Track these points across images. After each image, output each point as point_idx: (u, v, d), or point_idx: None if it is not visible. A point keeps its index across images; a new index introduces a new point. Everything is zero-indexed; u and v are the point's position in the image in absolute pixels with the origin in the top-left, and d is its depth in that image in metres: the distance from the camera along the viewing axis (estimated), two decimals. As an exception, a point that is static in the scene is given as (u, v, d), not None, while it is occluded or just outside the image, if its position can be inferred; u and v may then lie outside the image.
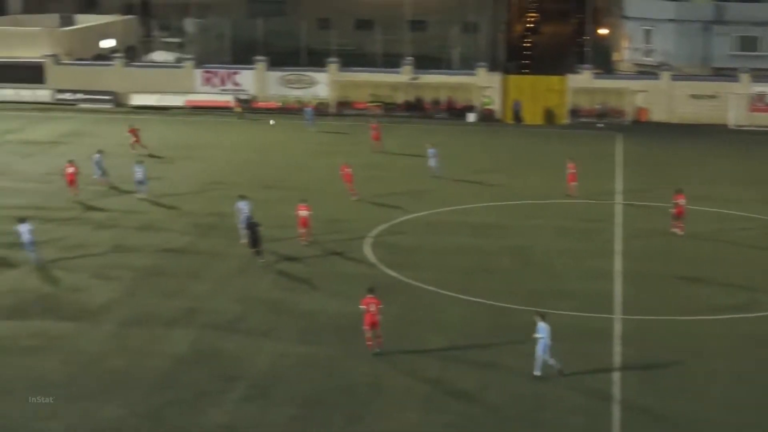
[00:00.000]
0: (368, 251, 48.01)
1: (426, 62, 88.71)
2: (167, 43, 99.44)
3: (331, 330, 38.41)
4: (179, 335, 37.82)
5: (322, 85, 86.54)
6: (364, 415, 31.91)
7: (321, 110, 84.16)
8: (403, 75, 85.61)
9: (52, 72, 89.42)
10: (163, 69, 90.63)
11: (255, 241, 46.61)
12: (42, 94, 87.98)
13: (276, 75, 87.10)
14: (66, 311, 40.10)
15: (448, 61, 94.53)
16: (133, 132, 69.61)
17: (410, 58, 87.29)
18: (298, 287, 43.19)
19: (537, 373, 34.31)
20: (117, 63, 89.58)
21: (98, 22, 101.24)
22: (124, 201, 56.38)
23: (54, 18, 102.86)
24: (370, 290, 36.68)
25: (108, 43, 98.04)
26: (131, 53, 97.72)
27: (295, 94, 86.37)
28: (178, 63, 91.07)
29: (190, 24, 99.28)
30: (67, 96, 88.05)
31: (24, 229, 45.53)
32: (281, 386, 33.73)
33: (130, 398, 32.68)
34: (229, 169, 63.70)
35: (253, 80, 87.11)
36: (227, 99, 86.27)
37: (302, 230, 48.98)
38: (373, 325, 35.90)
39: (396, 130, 75.91)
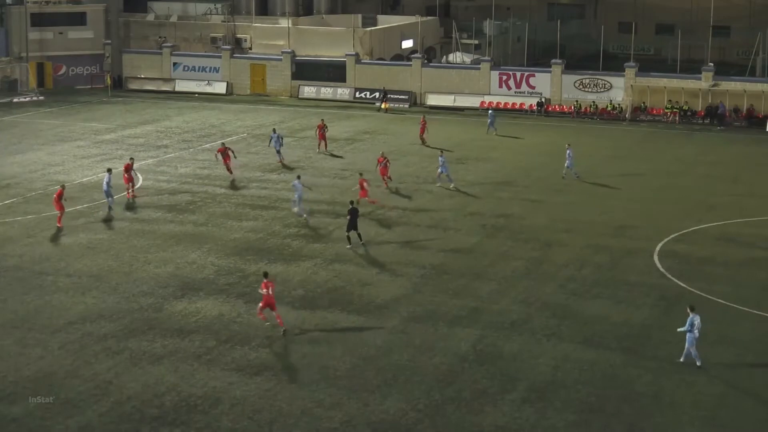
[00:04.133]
0: (657, 260, 46.94)
1: (727, 69, 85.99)
2: (465, 44, 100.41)
3: (615, 337, 37.73)
4: (462, 334, 38.05)
5: (617, 89, 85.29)
6: (645, 427, 31.16)
7: (615, 115, 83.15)
8: (703, 81, 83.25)
9: (352, 71, 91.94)
10: (460, 70, 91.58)
11: (352, 225, 47.54)
12: (342, 92, 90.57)
13: (571, 78, 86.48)
14: (354, 304, 41.02)
15: (750, 69, 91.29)
16: (423, 124, 71.31)
17: (711, 64, 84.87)
18: (584, 292, 42.64)
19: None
20: (415, 63, 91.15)
21: (399, 23, 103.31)
22: (415, 199, 57.25)
23: (357, 18, 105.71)
24: (266, 274, 38.36)
25: (408, 44, 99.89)
26: (430, 54, 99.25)
27: (589, 98, 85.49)
28: (475, 64, 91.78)
29: (488, 26, 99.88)
30: (366, 94, 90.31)
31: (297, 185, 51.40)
32: (561, 391, 33.38)
33: (411, 393, 33.11)
34: (520, 171, 63.66)
35: (549, 83, 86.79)
36: (523, 101, 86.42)
37: None
38: (270, 306, 37.66)
39: (693, 138, 73.99)
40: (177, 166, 64.65)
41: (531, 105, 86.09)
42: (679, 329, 34.39)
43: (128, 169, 56.25)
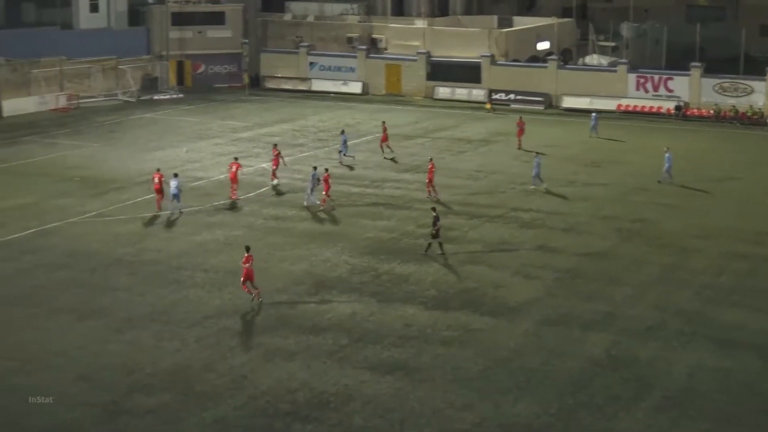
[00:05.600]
0: (798, 268, 45.89)
1: None
2: (602, 46, 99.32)
3: (752, 346, 36.94)
4: (595, 338, 37.65)
5: (758, 93, 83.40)
6: (783, 440, 30.53)
7: (756, 120, 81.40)
8: None
9: (487, 72, 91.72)
10: (596, 72, 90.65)
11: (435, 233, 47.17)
12: (477, 93, 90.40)
13: (711, 82, 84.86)
14: (486, 306, 40.91)
15: None
16: (520, 125, 70.38)
17: None
18: (721, 300, 41.84)
19: None
20: (551, 65, 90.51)
21: (535, 25, 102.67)
22: (550, 202, 56.90)
23: (493, 19, 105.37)
24: (247, 248, 40.76)
25: (543, 45, 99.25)
26: (566, 56, 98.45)
27: (729, 102, 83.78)
28: (612, 67, 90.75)
29: (626, 28, 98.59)
30: (501, 96, 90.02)
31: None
32: (696, 399, 32.81)
33: (544, 397, 32.90)
34: (656, 175, 62.71)
35: (687, 86, 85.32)
36: (660, 105, 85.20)
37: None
38: (249, 278, 40.11)
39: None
40: (312, 164, 65.22)
41: (669, 109, 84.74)
42: None
43: (278, 157, 59.60)
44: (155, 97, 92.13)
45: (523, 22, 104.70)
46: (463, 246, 48.65)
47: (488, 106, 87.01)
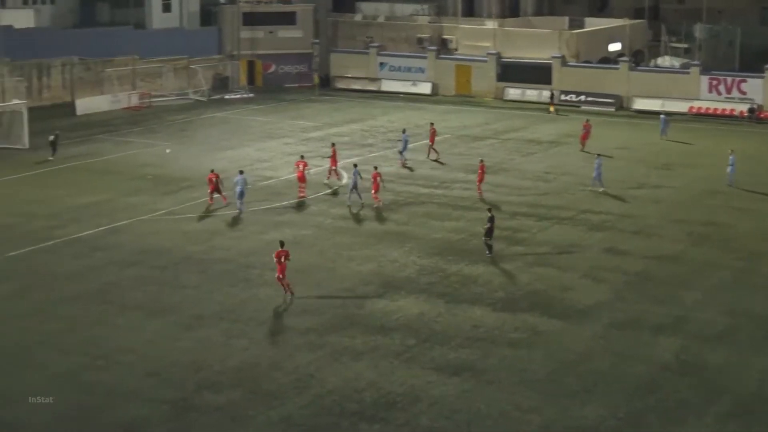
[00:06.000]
0: None
1: None
2: (674, 48, 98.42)
3: (826, 353, 36.48)
4: (665, 343, 37.30)
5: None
6: None
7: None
8: None
9: (558, 73, 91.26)
10: (668, 74, 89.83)
11: (489, 232, 46.85)
12: (547, 94, 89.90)
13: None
14: (554, 309, 40.69)
15: None
16: (587, 128, 69.61)
17: None
18: (795, 305, 41.38)
19: None
20: (622, 66, 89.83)
21: (607, 26, 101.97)
22: (620, 204, 56.47)
23: (564, 20, 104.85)
24: (282, 243, 41.51)
25: (615, 47, 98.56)
26: (637, 57, 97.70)
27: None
28: (684, 69, 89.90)
29: (699, 29, 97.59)
30: (571, 97, 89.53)
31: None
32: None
33: (612, 400, 32.64)
34: (727, 178, 62.01)
35: (761, 89, 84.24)
36: (733, 107, 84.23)
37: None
38: (283, 273, 40.57)
39: None
40: (381, 165, 65.31)
41: (741, 111, 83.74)
42: None
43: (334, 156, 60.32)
44: (226, 97, 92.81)
45: (594, 23, 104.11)
46: (531, 248, 48.46)
47: (551, 108, 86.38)
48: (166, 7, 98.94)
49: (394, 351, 36.27)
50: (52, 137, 67.26)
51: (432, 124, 70.29)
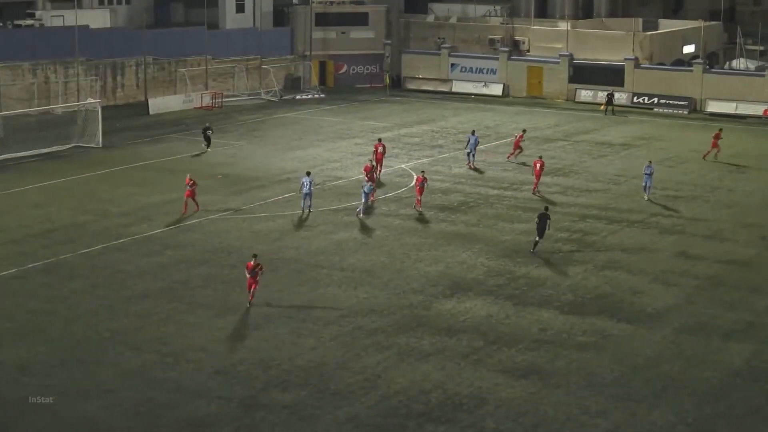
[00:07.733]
0: None
1: None
2: (750, 50, 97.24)
3: None
4: (736, 348, 36.86)
5: None
6: None
7: None
8: None
9: (631, 75, 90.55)
10: (743, 77, 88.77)
11: (541, 231, 46.86)
12: (620, 96, 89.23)
13: None
14: (623, 312, 40.36)
15: None
16: (717, 137, 68.22)
17: None
18: None
19: None
20: (696, 69, 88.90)
21: (681, 28, 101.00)
22: (691, 208, 55.89)
23: (637, 22, 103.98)
24: (254, 256, 40.99)
25: (689, 49, 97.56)
26: (712, 59, 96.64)
27: None
28: (759, 71, 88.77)
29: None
30: (644, 100, 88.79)
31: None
32: (839, 415, 31.98)
33: (681, 406, 32.32)
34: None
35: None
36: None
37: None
38: (253, 286, 40.50)
39: None
40: (451, 166, 65.26)
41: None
42: None
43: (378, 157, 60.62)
44: (297, 97, 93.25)
45: (668, 25, 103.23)
46: (601, 251, 48.12)
47: (601, 107, 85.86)
48: (240, 8, 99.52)
49: (461, 352, 36.20)
50: (208, 131, 69.40)
51: (524, 131, 70.15)
